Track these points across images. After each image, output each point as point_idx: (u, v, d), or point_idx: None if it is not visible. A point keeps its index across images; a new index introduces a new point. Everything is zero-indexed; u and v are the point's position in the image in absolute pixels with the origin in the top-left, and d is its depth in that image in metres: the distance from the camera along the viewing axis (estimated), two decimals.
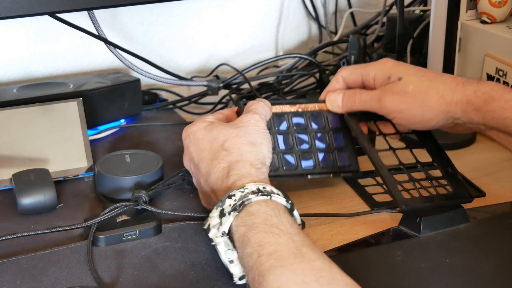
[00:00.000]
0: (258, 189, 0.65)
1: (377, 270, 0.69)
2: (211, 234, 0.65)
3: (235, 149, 0.71)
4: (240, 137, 0.72)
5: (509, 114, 0.73)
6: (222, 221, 0.64)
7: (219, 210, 0.65)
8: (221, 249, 0.64)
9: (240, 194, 0.65)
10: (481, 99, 0.74)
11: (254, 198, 0.64)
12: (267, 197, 0.64)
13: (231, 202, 0.65)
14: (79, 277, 0.67)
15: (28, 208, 0.78)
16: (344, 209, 0.82)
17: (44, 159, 0.87)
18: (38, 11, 0.86)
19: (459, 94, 0.74)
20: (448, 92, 0.75)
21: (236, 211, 0.63)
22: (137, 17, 1.21)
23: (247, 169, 0.69)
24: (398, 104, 0.76)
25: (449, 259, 0.70)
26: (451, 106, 0.75)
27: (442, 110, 0.75)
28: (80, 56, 1.19)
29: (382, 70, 0.79)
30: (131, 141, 1.00)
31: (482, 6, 1.05)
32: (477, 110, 0.74)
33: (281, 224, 0.61)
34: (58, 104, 0.92)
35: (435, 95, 0.75)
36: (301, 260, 0.57)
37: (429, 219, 0.75)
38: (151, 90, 1.16)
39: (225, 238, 0.64)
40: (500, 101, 0.73)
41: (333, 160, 0.83)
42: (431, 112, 0.75)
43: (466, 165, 0.91)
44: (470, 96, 0.74)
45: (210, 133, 0.73)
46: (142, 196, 0.76)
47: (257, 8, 1.33)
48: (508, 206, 0.83)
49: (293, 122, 0.82)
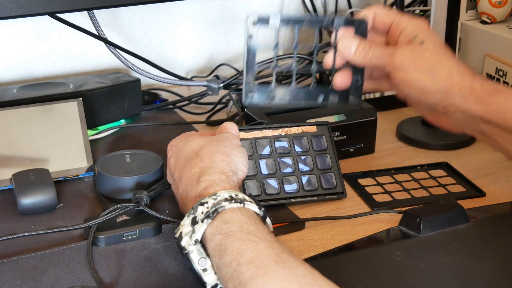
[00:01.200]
0: (231, 196, 0.64)
1: (377, 270, 0.69)
2: (184, 243, 0.63)
3: (208, 156, 0.71)
4: (216, 147, 0.72)
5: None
6: (195, 228, 0.63)
7: (191, 217, 0.64)
8: (194, 257, 0.62)
9: (212, 201, 0.64)
10: (486, 91, 0.73)
11: (227, 206, 0.63)
12: (240, 204, 0.63)
13: (204, 210, 0.63)
14: (79, 277, 0.67)
15: (28, 208, 0.78)
16: (344, 209, 0.82)
17: (44, 159, 0.87)
18: (38, 11, 0.86)
19: (466, 80, 0.74)
20: (457, 74, 0.74)
21: (210, 219, 0.62)
22: (137, 17, 1.21)
23: (217, 175, 0.68)
24: (408, 63, 0.74)
25: (449, 259, 0.70)
26: (454, 88, 0.73)
27: (444, 88, 0.74)
28: (80, 56, 1.19)
29: (414, 27, 0.77)
30: (131, 141, 1.00)
31: (482, 6, 1.05)
32: (479, 101, 0.73)
33: (258, 231, 0.60)
34: (58, 104, 0.92)
35: (445, 71, 0.74)
36: (283, 266, 0.56)
37: (429, 219, 0.75)
38: (151, 90, 1.16)
39: (197, 246, 0.62)
40: (505, 93, 0.73)
41: (317, 183, 0.82)
42: (433, 85, 0.74)
43: (466, 165, 0.91)
44: (476, 86, 0.73)
45: (188, 143, 0.74)
46: (143, 197, 0.76)
47: (257, 8, 1.33)
48: (508, 206, 0.83)
49: (275, 146, 0.82)
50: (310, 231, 0.77)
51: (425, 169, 0.91)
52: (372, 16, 0.79)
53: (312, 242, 0.75)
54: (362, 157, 0.95)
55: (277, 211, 0.80)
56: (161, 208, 0.80)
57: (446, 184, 0.87)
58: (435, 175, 0.90)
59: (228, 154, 0.72)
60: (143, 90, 1.10)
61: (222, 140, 0.74)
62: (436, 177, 0.89)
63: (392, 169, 0.91)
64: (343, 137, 0.93)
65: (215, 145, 0.73)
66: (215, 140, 0.74)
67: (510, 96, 0.73)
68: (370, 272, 0.69)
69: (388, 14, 0.79)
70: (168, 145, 0.77)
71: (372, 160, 0.94)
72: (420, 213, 0.75)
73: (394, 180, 0.88)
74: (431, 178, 0.89)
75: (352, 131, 0.93)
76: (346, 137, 0.93)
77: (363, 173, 0.90)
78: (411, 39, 0.76)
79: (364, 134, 0.95)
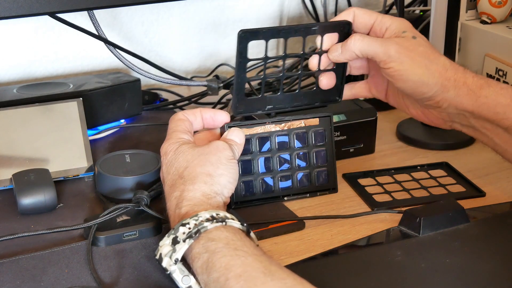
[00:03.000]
0: (212, 216, 0.64)
1: (377, 270, 0.69)
2: (165, 263, 0.63)
3: (191, 178, 0.69)
4: (201, 166, 0.70)
5: (503, 99, 0.73)
6: (176, 248, 0.62)
7: (171, 237, 0.63)
8: (177, 276, 0.62)
9: (194, 222, 0.63)
10: (477, 84, 0.74)
11: (209, 226, 0.62)
12: (222, 223, 0.63)
13: (185, 230, 0.63)
14: (79, 277, 0.67)
15: (28, 208, 0.78)
16: (344, 209, 0.82)
17: (44, 159, 0.87)
18: (38, 11, 0.86)
19: (459, 73, 0.75)
20: (451, 67, 0.75)
21: (192, 239, 0.62)
22: (137, 17, 1.21)
23: (198, 199, 0.67)
24: (403, 54, 0.74)
25: (449, 259, 0.70)
26: (449, 81, 0.74)
27: (440, 82, 0.75)
28: (80, 56, 1.19)
29: (399, 24, 0.77)
30: (131, 141, 1.00)
31: (482, 6, 1.05)
32: (471, 94, 0.74)
33: (245, 246, 0.60)
34: (58, 104, 0.92)
35: (440, 64, 0.75)
36: (271, 278, 0.56)
37: (429, 219, 0.75)
38: (151, 90, 1.16)
39: (179, 265, 0.62)
40: (496, 87, 0.74)
41: (311, 180, 0.83)
42: (429, 78, 0.74)
43: (466, 165, 0.92)
44: (468, 79, 0.75)
45: (177, 158, 0.72)
46: (143, 197, 0.76)
47: (257, 8, 1.33)
48: (508, 206, 0.83)
49: (277, 141, 0.82)
50: (310, 231, 0.77)
51: (425, 169, 0.91)
52: (352, 17, 0.79)
53: (312, 242, 0.75)
54: (362, 157, 0.95)
55: (276, 210, 0.80)
56: (161, 208, 0.80)
57: (446, 184, 0.87)
58: (435, 175, 0.90)
59: (211, 175, 0.70)
60: (143, 90, 1.10)
61: (209, 155, 0.71)
62: (436, 177, 0.89)
63: (392, 169, 0.91)
64: (343, 137, 0.93)
65: (200, 163, 0.70)
66: (202, 154, 0.71)
67: (500, 89, 0.73)
68: (370, 272, 0.69)
69: (369, 14, 0.80)
70: (160, 148, 0.75)
71: (372, 160, 0.95)
72: (420, 213, 0.76)
73: (394, 180, 0.88)
74: (431, 178, 0.89)
75: (352, 131, 0.93)
76: (346, 137, 0.93)
77: (363, 173, 0.90)
78: (399, 34, 0.76)
79: (364, 134, 0.95)
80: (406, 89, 0.76)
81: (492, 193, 0.85)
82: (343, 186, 0.87)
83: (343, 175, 0.89)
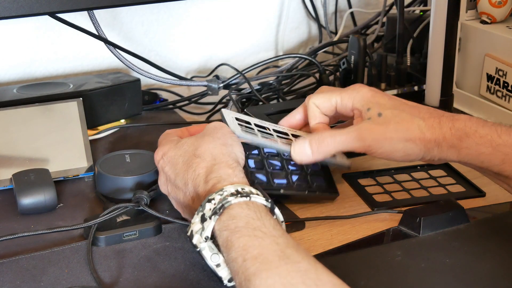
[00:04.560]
0: (237, 191, 0.64)
1: (377, 270, 0.69)
2: (195, 240, 0.64)
3: (208, 154, 0.70)
4: (210, 142, 0.71)
5: (484, 149, 0.72)
6: (204, 226, 0.63)
7: (200, 215, 0.64)
8: (206, 254, 0.63)
9: (219, 197, 0.64)
10: (456, 136, 0.72)
11: (233, 200, 0.63)
12: (246, 198, 0.63)
13: (211, 206, 0.64)
14: (79, 277, 0.67)
15: (28, 208, 0.78)
16: (344, 209, 0.82)
17: (44, 159, 0.87)
18: (38, 11, 0.86)
19: (437, 132, 0.73)
20: (428, 129, 0.73)
21: (217, 215, 0.63)
22: (137, 17, 1.21)
23: (224, 170, 0.68)
24: (380, 141, 0.73)
25: (449, 259, 0.70)
26: (430, 143, 0.73)
27: (422, 147, 0.73)
28: (80, 56, 1.19)
29: (361, 100, 0.76)
30: (131, 141, 1.00)
31: (482, 6, 1.05)
32: (452, 148, 0.72)
33: (264, 226, 0.61)
34: (58, 104, 0.92)
35: (417, 132, 0.73)
36: (286, 262, 0.57)
37: (429, 219, 0.75)
38: (151, 90, 1.16)
39: (208, 242, 0.63)
40: (475, 137, 0.72)
41: (309, 181, 0.81)
42: (413, 148, 0.73)
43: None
44: (446, 133, 0.72)
45: (180, 148, 0.73)
46: (143, 197, 0.76)
47: (257, 8, 1.33)
48: (508, 206, 0.83)
49: (264, 151, 0.81)
50: (310, 231, 0.77)
51: (425, 169, 0.91)
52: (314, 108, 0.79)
53: (312, 242, 0.75)
54: (362, 157, 0.95)
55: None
56: (161, 208, 0.80)
57: (446, 184, 0.87)
58: (435, 175, 0.90)
59: (225, 145, 0.71)
60: (143, 90, 1.10)
61: (213, 133, 0.73)
62: (436, 177, 0.89)
63: (392, 169, 0.91)
64: None
65: (209, 141, 0.72)
66: (206, 135, 0.73)
67: (480, 138, 0.72)
68: (370, 272, 0.69)
69: (327, 99, 0.78)
70: (154, 157, 0.75)
71: (372, 160, 0.94)
72: (420, 213, 0.76)
73: (394, 180, 0.88)
74: (431, 178, 0.89)
75: None
76: None
77: (363, 173, 0.90)
78: (364, 115, 0.75)
79: None
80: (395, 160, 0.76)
81: (492, 193, 0.85)
82: (343, 186, 0.87)
83: (343, 175, 0.89)
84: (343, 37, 1.31)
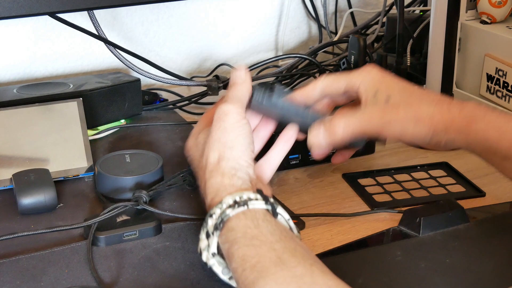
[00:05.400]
0: (235, 201, 0.64)
1: (377, 270, 0.69)
2: (204, 258, 0.64)
3: (206, 165, 0.69)
4: (211, 148, 0.69)
5: (492, 133, 0.72)
6: (209, 242, 0.64)
7: (205, 231, 0.65)
8: (216, 269, 0.64)
9: (219, 211, 0.64)
10: (465, 120, 0.72)
11: (231, 213, 0.63)
12: (244, 207, 0.63)
13: (213, 222, 0.64)
14: (79, 277, 0.67)
15: (28, 208, 0.78)
16: (344, 209, 0.82)
17: (44, 159, 0.87)
18: (38, 11, 0.86)
19: (445, 115, 0.73)
20: (437, 112, 0.73)
21: (218, 230, 0.63)
22: (137, 17, 1.21)
23: (219, 183, 0.67)
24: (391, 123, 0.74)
25: (449, 259, 0.70)
26: (439, 125, 0.73)
27: (430, 130, 0.73)
28: (80, 56, 1.19)
29: (369, 83, 0.76)
30: (131, 141, 1.00)
31: (482, 6, 1.05)
32: (460, 132, 0.72)
33: (261, 234, 0.61)
34: (58, 104, 0.92)
35: (426, 114, 0.73)
36: (282, 268, 0.57)
37: (429, 219, 0.75)
38: (151, 90, 1.16)
39: (217, 258, 0.64)
40: (483, 121, 0.72)
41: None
42: (422, 130, 0.73)
43: (466, 165, 0.91)
44: (455, 117, 0.73)
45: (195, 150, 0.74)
46: (142, 196, 0.76)
47: (257, 8, 1.33)
48: (508, 206, 0.83)
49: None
50: (310, 231, 0.77)
51: (425, 169, 0.91)
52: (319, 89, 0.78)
53: (312, 242, 0.75)
54: (362, 157, 0.95)
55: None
56: (161, 208, 0.80)
57: (446, 184, 0.87)
58: (435, 175, 0.90)
59: (222, 151, 0.69)
60: (143, 90, 1.10)
61: (215, 131, 0.70)
62: (436, 177, 0.89)
63: (392, 169, 0.91)
64: None
65: (209, 145, 0.70)
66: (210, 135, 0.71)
67: (488, 123, 0.72)
68: (370, 272, 0.69)
69: (336, 80, 0.78)
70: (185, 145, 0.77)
71: (372, 160, 0.95)
72: (420, 213, 0.76)
73: (394, 180, 0.88)
74: (431, 178, 0.89)
75: None
76: None
77: (363, 173, 0.90)
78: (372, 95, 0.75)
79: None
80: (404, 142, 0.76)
81: (492, 193, 0.85)
82: (343, 186, 0.87)
83: (343, 175, 0.89)
84: (343, 37, 1.31)
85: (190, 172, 0.84)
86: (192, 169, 0.76)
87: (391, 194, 0.85)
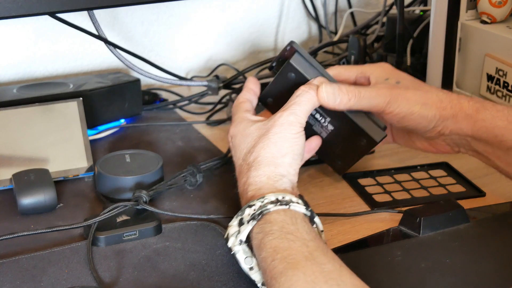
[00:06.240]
0: (277, 199, 0.66)
1: (377, 270, 0.69)
2: (230, 243, 0.66)
3: (255, 164, 0.71)
4: (264, 149, 0.72)
5: (500, 122, 0.74)
6: (241, 229, 0.65)
7: (239, 219, 0.67)
8: (239, 257, 0.65)
9: (259, 204, 0.66)
10: (473, 108, 0.76)
11: (272, 208, 0.65)
12: (285, 206, 0.65)
13: (251, 212, 0.66)
14: (79, 277, 0.67)
15: (28, 208, 0.78)
16: (344, 209, 0.82)
17: (44, 159, 0.87)
18: (38, 11, 0.86)
19: (454, 101, 0.77)
20: (444, 96, 0.77)
21: (255, 220, 0.64)
22: (137, 17, 1.21)
23: (263, 182, 0.69)
24: (399, 99, 0.76)
25: (449, 259, 0.70)
26: (445, 110, 0.77)
27: (437, 113, 0.77)
28: (80, 56, 1.19)
29: (380, 72, 0.81)
30: (131, 141, 1.00)
31: (482, 6, 1.05)
32: (468, 119, 0.76)
33: (297, 231, 0.62)
34: (58, 104, 0.92)
35: (434, 98, 0.77)
36: (312, 263, 0.59)
37: (429, 219, 0.75)
38: (151, 90, 1.16)
39: (243, 246, 0.65)
40: (492, 110, 0.75)
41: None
42: (429, 113, 0.77)
43: (466, 165, 0.91)
44: (464, 104, 0.76)
45: (244, 140, 0.74)
46: (142, 196, 0.76)
47: (257, 8, 1.33)
48: (508, 206, 0.83)
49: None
50: None
51: (425, 169, 0.91)
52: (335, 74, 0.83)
53: None
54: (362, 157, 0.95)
55: None
56: (161, 209, 0.80)
57: (446, 184, 0.87)
58: (435, 175, 0.90)
59: (276, 157, 0.71)
60: (143, 90, 1.10)
61: (273, 135, 0.72)
62: (436, 177, 0.89)
63: (392, 169, 0.91)
64: None
65: (264, 146, 0.72)
66: (266, 134, 0.72)
67: (496, 112, 0.75)
68: (370, 272, 0.68)
69: (348, 68, 0.83)
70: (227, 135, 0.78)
71: (372, 160, 0.95)
72: (420, 213, 0.76)
73: (394, 180, 0.88)
74: (431, 178, 0.89)
75: None
76: None
77: (363, 173, 0.90)
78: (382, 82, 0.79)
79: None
80: (409, 126, 0.79)
81: (492, 193, 0.85)
82: (343, 186, 0.87)
83: (343, 175, 0.89)
84: (343, 37, 1.31)
85: (190, 172, 0.84)
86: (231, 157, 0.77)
87: (391, 194, 0.85)
